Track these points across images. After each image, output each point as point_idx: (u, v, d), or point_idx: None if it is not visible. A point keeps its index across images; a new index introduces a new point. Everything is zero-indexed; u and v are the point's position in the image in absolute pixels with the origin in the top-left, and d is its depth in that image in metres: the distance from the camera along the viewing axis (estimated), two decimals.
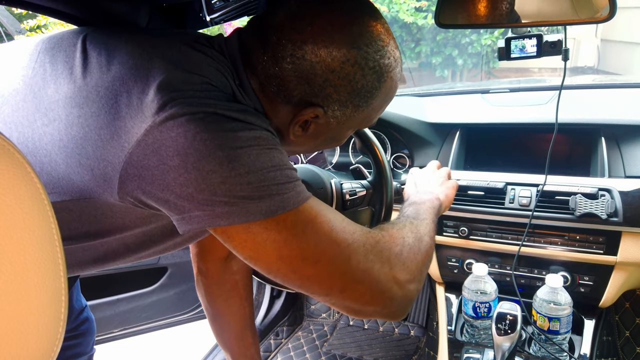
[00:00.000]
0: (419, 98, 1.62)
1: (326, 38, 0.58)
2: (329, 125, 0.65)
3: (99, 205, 0.57)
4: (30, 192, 0.29)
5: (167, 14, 0.93)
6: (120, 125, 0.53)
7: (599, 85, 1.67)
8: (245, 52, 0.62)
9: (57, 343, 0.31)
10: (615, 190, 1.07)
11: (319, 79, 0.59)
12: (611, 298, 1.11)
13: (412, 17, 5.01)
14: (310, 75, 0.58)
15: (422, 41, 5.38)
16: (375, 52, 0.60)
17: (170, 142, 0.50)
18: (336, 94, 0.60)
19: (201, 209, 0.51)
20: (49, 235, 0.31)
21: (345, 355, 1.68)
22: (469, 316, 1.14)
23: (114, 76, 0.57)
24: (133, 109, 0.53)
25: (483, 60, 5.25)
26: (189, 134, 0.50)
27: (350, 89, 0.60)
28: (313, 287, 0.57)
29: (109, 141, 0.53)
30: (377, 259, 0.58)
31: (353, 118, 0.65)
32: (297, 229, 0.54)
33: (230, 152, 0.51)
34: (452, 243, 1.24)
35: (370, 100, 0.63)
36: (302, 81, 0.59)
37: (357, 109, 0.64)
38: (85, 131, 0.55)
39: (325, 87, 0.59)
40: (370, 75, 0.60)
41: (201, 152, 0.50)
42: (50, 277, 0.30)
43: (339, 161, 1.49)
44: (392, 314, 0.61)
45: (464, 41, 5.19)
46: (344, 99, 0.61)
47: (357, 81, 0.60)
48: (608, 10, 0.82)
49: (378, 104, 0.66)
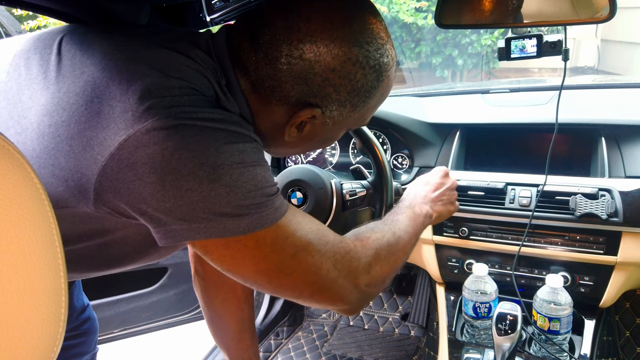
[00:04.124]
0: (419, 98, 1.62)
1: (326, 36, 0.55)
2: (325, 125, 0.63)
3: (75, 213, 0.55)
4: (30, 192, 0.29)
5: (167, 14, 0.93)
6: (92, 136, 0.50)
7: (599, 85, 1.67)
8: (235, 51, 0.59)
9: (57, 343, 0.31)
10: (616, 190, 1.07)
11: (318, 79, 0.57)
12: (611, 298, 1.11)
13: (412, 17, 5.01)
14: (308, 75, 0.56)
15: (422, 41, 5.38)
16: (375, 51, 0.58)
17: (147, 158, 0.48)
18: (335, 94, 0.59)
19: (179, 224, 0.50)
20: (49, 235, 0.31)
21: (345, 356, 1.68)
22: (469, 316, 1.14)
23: (86, 80, 0.53)
24: (105, 119, 0.50)
25: (483, 60, 5.25)
26: (166, 151, 0.48)
27: (350, 88, 0.59)
28: (285, 293, 0.59)
29: (82, 152, 0.51)
30: (344, 268, 0.61)
31: (349, 118, 0.64)
32: (276, 244, 0.54)
33: (211, 172, 0.49)
34: (452, 243, 1.24)
35: (367, 100, 0.62)
36: (299, 81, 0.57)
37: (354, 108, 0.62)
38: (56, 141, 0.52)
39: (324, 87, 0.57)
40: (371, 74, 0.59)
41: (179, 171, 0.48)
42: (50, 277, 0.30)
43: (339, 161, 1.48)
44: (347, 312, 0.65)
45: (464, 41, 5.19)
46: (343, 99, 0.60)
47: (357, 80, 0.58)
48: (608, 10, 0.82)
49: (374, 103, 0.65)
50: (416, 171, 1.33)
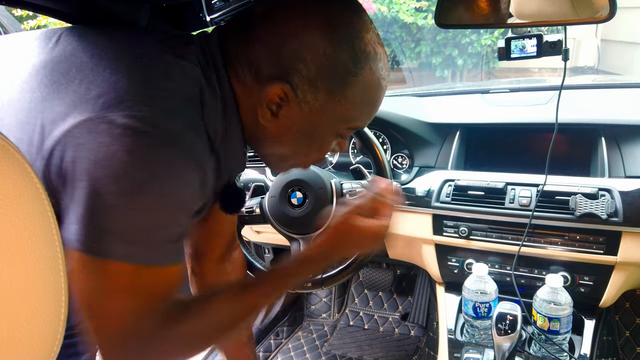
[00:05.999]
0: (419, 98, 1.62)
1: (301, 15, 0.58)
2: (301, 111, 0.61)
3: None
4: (30, 192, 0.29)
5: (167, 14, 0.93)
6: (61, 111, 0.52)
7: (599, 85, 1.67)
8: (224, 46, 0.62)
9: (57, 343, 0.31)
10: (615, 190, 1.07)
11: (287, 51, 0.58)
12: (611, 298, 1.11)
13: (412, 17, 5.01)
14: (278, 48, 0.58)
15: (422, 41, 5.38)
16: (349, 31, 0.59)
17: (90, 145, 0.49)
18: (305, 69, 0.58)
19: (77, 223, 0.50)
20: (49, 235, 0.31)
21: (345, 356, 1.68)
22: (469, 316, 1.14)
23: (72, 62, 0.56)
24: (79, 98, 0.52)
25: (483, 60, 5.24)
26: (104, 147, 0.49)
27: (320, 64, 0.58)
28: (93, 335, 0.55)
29: (48, 126, 0.53)
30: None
31: (328, 108, 0.61)
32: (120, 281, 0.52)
33: (136, 188, 0.50)
34: (452, 243, 1.24)
35: (345, 88, 0.60)
36: (270, 55, 0.58)
37: (330, 95, 0.60)
38: (29, 115, 0.54)
39: (294, 62, 0.58)
40: (343, 54, 0.58)
41: (108, 171, 0.49)
42: (50, 277, 0.30)
43: (339, 161, 1.48)
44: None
45: (464, 41, 5.19)
46: (313, 77, 0.59)
47: (327, 57, 0.58)
48: (608, 10, 0.82)
49: (356, 94, 0.61)
50: (416, 171, 1.33)
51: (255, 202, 1.12)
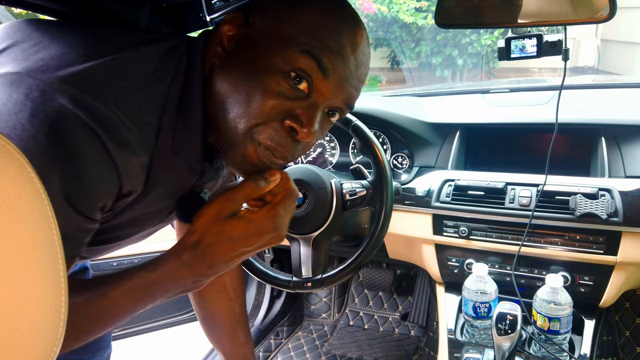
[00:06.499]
0: (419, 98, 1.62)
1: None
2: (249, 39, 0.59)
3: None
4: (30, 192, 0.29)
5: (167, 14, 0.93)
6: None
7: (599, 85, 1.67)
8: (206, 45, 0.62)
9: (57, 343, 0.31)
10: (615, 190, 1.07)
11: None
12: (611, 298, 1.11)
13: (412, 17, 5.02)
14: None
15: (422, 41, 5.38)
16: None
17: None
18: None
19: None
20: (49, 235, 0.31)
21: (345, 355, 1.68)
22: (469, 316, 1.14)
23: (29, 37, 0.55)
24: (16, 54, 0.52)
25: (483, 60, 5.25)
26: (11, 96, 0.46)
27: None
28: None
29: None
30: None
31: (274, 29, 0.58)
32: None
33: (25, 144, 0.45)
34: (452, 243, 1.24)
35: (293, 9, 0.58)
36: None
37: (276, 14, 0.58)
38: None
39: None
40: None
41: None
42: (50, 277, 0.30)
43: (339, 161, 1.49)
44: None
45: (464, 41, 5.19)
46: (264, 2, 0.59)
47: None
48: (608, 10, 0.82)
49: (304, 21, 0.57)
50: (416, 171, 1.33)
51: None
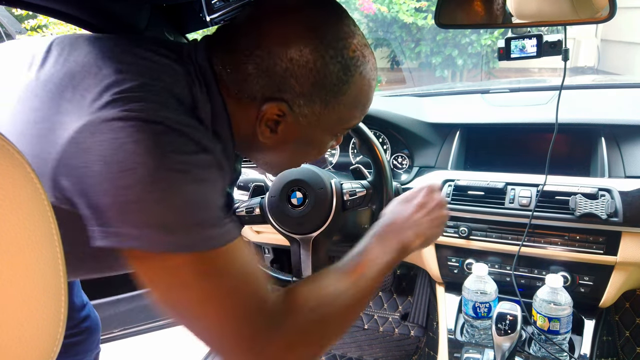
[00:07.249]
0: (419, 98, 1.62)
1: (284, 29, 0.58)
2: (299, 125, 0.62)
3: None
4: (30, 192, 0.29)
5: (167, 14, 0.93)
6: (58, 120, 0.51)
7: (599, 85, 1.67)
8: (213, 61, 0.61)
9: (57, 343, 0.31)
10: (615, 190, 1.07)
11: (279, 70, 0.57)
12: (611, 298, 1.11)
13: (412, 17, 5.01)
14: (270, 67, 0.57)
15: (422, 41, 5.38)
16: (336, 41, 0.58)
17: (98, 146, 0.48)
18: (299, 86, 0.58)
19: (112, 225, 0.48)
20: (49, 236, 0.31)
21: (345, 355, 1.68)
22: (469, 316, 1.14)
23: (65, 72, 0.55)
24: (74, 105, 0.51)
25: (483, 60, 5.24)
26: (116, 142, 0.47)
27: (313, 79, 0.58)
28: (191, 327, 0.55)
29: (45, 137, 0.51)
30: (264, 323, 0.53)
31: (324, 117, 0.62)
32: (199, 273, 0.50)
33: (150, 173, 0.47)
34: (452, 243, 1.24)
35: (339, 96, 0.61)
36: (262, 74, 0.58)
37: (326, 105, 0.61)
38: (22, 128, 0.53)
39: (286, 79, 0.58)
40: (333, 64, 0.58)
41: (122, 165, 0.47)
42: (50, 277, 0.30)
43: (339, 161, 1.49)
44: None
45: (464, 41, 5.19)
46: (307, 92, 0.59)
47: (318, 70, 0.58)
48: (608, 10, 0.82)
49: (350, 101, 0.63)
50: (416, 171, 1.33)
51: (255, 202, 1.12)
